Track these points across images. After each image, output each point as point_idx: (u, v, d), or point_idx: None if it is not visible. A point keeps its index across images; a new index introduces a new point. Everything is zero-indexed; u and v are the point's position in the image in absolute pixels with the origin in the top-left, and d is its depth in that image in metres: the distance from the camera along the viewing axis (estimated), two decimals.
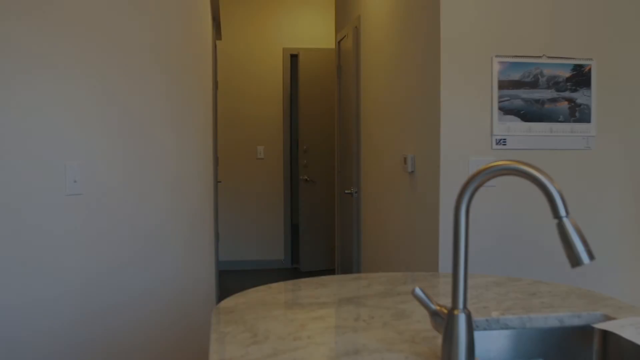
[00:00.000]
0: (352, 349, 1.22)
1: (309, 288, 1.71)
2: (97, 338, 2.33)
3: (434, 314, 1.15)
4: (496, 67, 2.62)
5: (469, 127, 2.63)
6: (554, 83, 2.66)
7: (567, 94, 2.67)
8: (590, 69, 2.68)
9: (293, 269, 6.36)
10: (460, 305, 1.10)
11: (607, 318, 1.45)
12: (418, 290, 1.16)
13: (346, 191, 4.49)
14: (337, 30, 5.26)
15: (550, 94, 2.65)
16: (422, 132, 2.87)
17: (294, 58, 6.60)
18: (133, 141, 2.52)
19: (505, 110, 2.63)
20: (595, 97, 2.69)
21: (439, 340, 1.27)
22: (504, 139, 2.64)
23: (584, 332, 1.44)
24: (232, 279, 6.00)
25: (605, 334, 1.39)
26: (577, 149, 2.71)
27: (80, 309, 2.26)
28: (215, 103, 4.25)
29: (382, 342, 1.27)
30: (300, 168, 6.25)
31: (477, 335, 1.40)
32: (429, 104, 2.75)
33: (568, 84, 2.67)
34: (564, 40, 2.68)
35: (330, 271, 6.07)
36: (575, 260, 1.03)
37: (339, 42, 5.06)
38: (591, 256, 1.03)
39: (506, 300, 1.59)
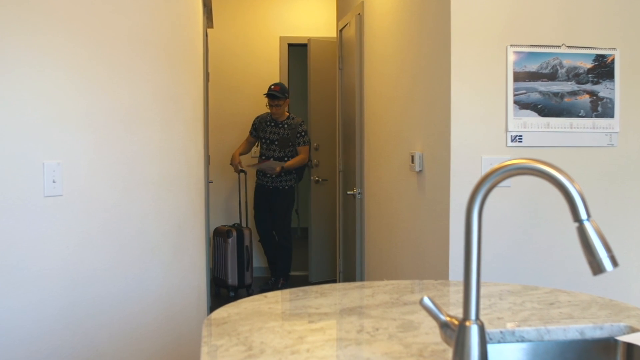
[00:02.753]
0: None
1: (308, 297, 1.72)
2: (78, 349, 2.33)
3: (443, 326, 1.15)
4: (511, 58, 2.62)
5: (482, 123, 2.63)
6: (574, 75, 2.66)
7: (588, 86, 2.67)
8: (613, 60, 2.69)
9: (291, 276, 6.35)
10: (473, 316, 1.10)
11: (632, 330, 1.45)
12: (426, 300, 1.16)
13: (349, 192, 4.49)
14: (338, 18, 5.27)
15: (570, 87, 2.65)
16: (431, 128, 2.87)
17: (291, 48, 6.61)
18: (117, 138, 2.51)
19: (521, 105, 2.63)
20: (619, 89, 2.69)
21: (449, 354, 1.27)
22: (520, 136, 2.64)
23: (607, 345, 1.44)
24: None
25: (630, 347, 1.39)
26: (599, 146, 2.71)
27: (60, 317, 2.26)
28: (206, 96, 4.26)
29: (387, 356, 1.27)
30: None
31: (491, 348, 1.40)
32: (439, 97, 2.75)
33: (589, 75, 2.67)
34: (585, 28, 2.68)
35: (331, 277, 6.06)
36: (597, 267, 1.03)
37: (340, 31, 5.06)
38: (614, 263, 1.03)
39: (522, 311, 1.59)
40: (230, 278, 5.67)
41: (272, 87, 5.69)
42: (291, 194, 5.83)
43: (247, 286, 5.73)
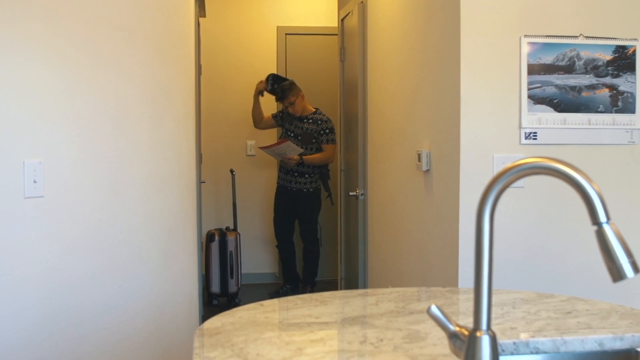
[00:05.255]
0: None
1: (308, 306, 1.71)
2: None
3: (452, 336, 1.15)
4: (525, 49, 2.62)
5: (494, 119, 2.63)
6: (593, 67, 2.65)
7: (607, 79, 2.67)
8: (634, 51, 2.69)
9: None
10: (484, 325, 1.10)
11: None
12: (434, 309, 1.16)
13: (351, 193, 4.48)
14: (340, 6, 5.27)
15: (588, 80, 2.65)
16: (439, 125, 2.87)
17: (289, 38, 6.61)
18: (103, 135, 2.52)
19: (536, 99, 2.63)
20: None
21: None
22: (535, 133, 2.64)
23: (627, 356, 1.44)
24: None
25: None
26: (619, 144, 2.71)
27: (42, 327, 2.26)
28: (198, 91, 4.26)
29: None
30: None
31: None
32: (447, 92, 2.75)
33: (609, 68, 2.67)
34: (604, 18, 2.68)
35: (332, 283, 6.06)
36: (617, 274, 1.03)
37: (342, 20, 5.06)
38: (636, 269, 1.03)
39: (537, 320, 1.59)
40: (213, 285, 5.67)
41: (277, 91, 5.69)
42: (317, 197, 5.72)
43: (232, 294, 5.72)
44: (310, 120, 5.65)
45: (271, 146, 5.65)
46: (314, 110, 5.71)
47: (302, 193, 5.68)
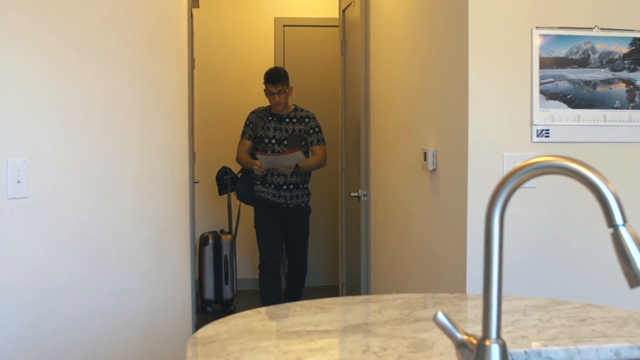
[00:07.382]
0: None
1: (307, 313, 1.71)
2: None
3: (460, 345, 1.15)
4: (537, 42, 2.62)
5: (504, 116, 2.63)
6: (609, 61, 2.65)
7: (624, 74, 2.67)
8: None
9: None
10: (493, 334, 1.10)
11: None
12: (441, 316, 1.16)
13: (353, 194, 4.48)
14: None
15: (603, 74, 2.65)
16: (446, 122, 2.87)
17: (288, 30, 6.61)
18: (91, 133, 2.52)
19: (549, 95, 2.63)
20: None
21: None
22: (547, 130, 2.64)
23: None
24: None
25: None
26: (636, 142, 2.71)
27: (27, 334, 2.26)
28: (191, 86, 4.26)
29: None
30: None
31: None
32: (454, 87, 2.75)
33: (626, 62, 2.67)
34: (621, 8, 2.68)
35: (332, 289, 6.07)
36: (634, 279, 1.03)
37: (343, 11, 5.06)
38: None
39: (549, 328, 1.59)
40: (207, 291, 5.66)
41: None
42: (309, 211, 5.24)
43: (227, 301, 5.70)
44: (295, 120, 5.07)
45: (277, 154, 4.97)
46: (294, 107, 5.15)
47: (299, 209, 5.12)
